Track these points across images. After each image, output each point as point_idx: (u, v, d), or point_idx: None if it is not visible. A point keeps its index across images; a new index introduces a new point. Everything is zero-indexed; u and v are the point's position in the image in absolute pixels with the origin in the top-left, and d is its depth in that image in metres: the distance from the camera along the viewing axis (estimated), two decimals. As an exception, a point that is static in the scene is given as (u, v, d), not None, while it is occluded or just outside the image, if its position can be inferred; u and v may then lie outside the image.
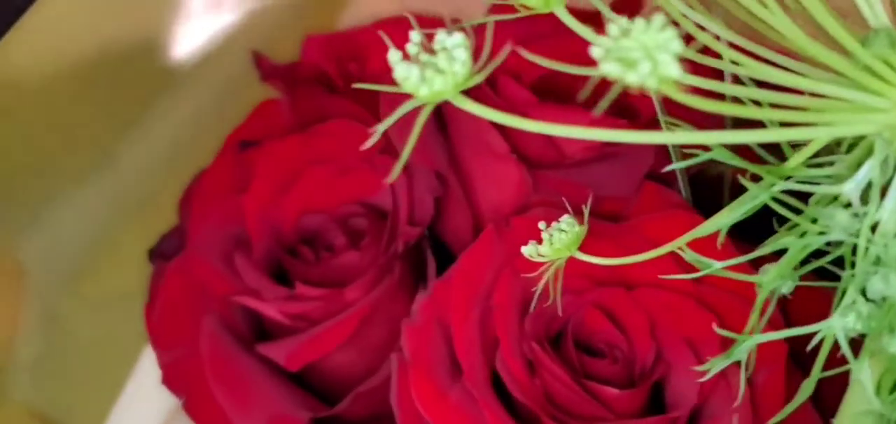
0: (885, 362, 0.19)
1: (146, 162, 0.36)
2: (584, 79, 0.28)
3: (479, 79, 0.17)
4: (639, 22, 0.14)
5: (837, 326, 0.18)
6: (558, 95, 0.29)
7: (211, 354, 0.27)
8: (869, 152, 0.17)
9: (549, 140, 0.27)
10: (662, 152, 0.27)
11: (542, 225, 0.22)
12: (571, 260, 0.22)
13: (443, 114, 0.29)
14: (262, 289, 0.27)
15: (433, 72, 0.17)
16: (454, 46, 0.16)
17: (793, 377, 0.24)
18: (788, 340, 0.23)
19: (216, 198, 0.30)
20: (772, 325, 0.22)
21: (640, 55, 0.14)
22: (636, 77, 0.14)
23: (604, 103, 0.15)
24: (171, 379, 0.27)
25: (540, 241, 0.23)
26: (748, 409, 0.23)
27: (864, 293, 0.17)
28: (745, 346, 0.19)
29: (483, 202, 0.27)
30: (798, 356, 0.24)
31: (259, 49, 0.37)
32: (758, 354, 0.22)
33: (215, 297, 0.29)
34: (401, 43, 0.35)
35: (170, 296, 0.29)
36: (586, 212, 0.22)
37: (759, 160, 0.21)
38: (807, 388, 0.19)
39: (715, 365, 0.19)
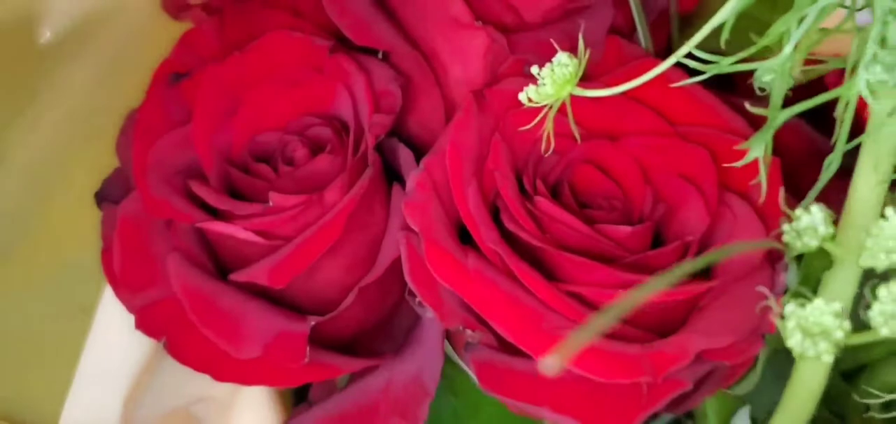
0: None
1: (41, 149, 0.33)
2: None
3: None
4: None
5: (862, 80, 0.19)
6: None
7: (186, 292, 0.25)
8: None
9: (507, 5, 0.27)
10: (623, 6, 0.28)
11: (534, 69, 0.22)
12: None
13: (385, 3, 0.28)
14: (233, 210, 0.26)
15: None
16: None
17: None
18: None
19: (156, 133, 0.28)
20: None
21: None
22: None
23: None
24: (147, 323, 0.26)
25: (517, 106, 0.23)
26: (757, 221, 0.24)
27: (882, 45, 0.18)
28: (778, 121, 0.20)
29: (451, 81, 0.27)
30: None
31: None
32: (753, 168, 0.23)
33: (176, 232, 0.27)
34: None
35: (126, 238, 0.27)
36: (581, 46, 0.22)
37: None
38: (834, 161, 0.20)
39: (754, 142, 0.20)
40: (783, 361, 0.26)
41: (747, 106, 0.20)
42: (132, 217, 0.27)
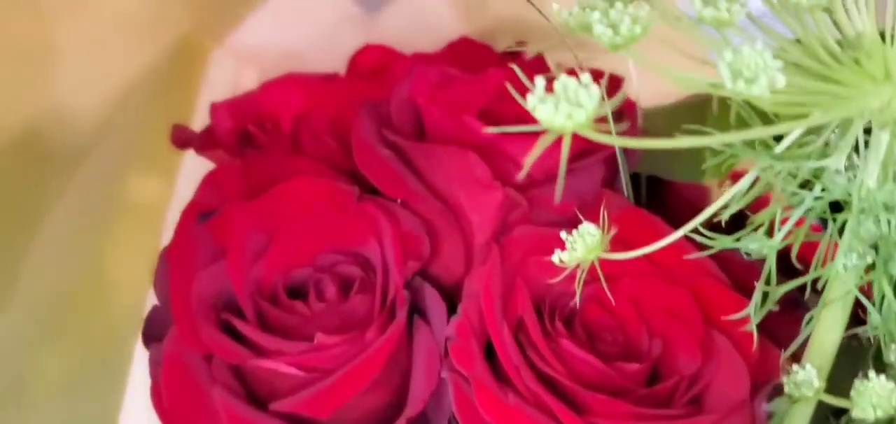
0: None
1: (44, 273, 0.35)
2: (522, 110, 0.33)
3: (608, 108, 0.21)
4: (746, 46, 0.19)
5: (840, 265, 0.24)
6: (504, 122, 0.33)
7: (236, 422, 0.29)
8: (846, 130, 0.24)
9: (517, 165, 0.32)
10: (612, 164, 0.33)
11: (564, 234, 0.27)
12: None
13: (407, 156, 0.32)
14: (281, 348, 0.29)
15: (572, 105, 0.21)
16: (588, 83, 0.21)
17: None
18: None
19: (190, 270, 0.31)
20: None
21: (757, 70, 0.19)
22: (756, 89, 0.19)
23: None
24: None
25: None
26: (737, 356, 0.29)
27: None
28: (776, 294, 0.25)
29: (469, 227, 0.31)
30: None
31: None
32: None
33: (215, 364, 0.30)
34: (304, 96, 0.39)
35: (172, 375, 0.30)
36: (604, 216, 0.27)
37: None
38: (815, 320, 0.25)
39: (753, 317, 0.25)
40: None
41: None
42: (175, 353, 0.30)
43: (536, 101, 0.21)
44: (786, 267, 0.31)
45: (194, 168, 0.39)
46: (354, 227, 0.31)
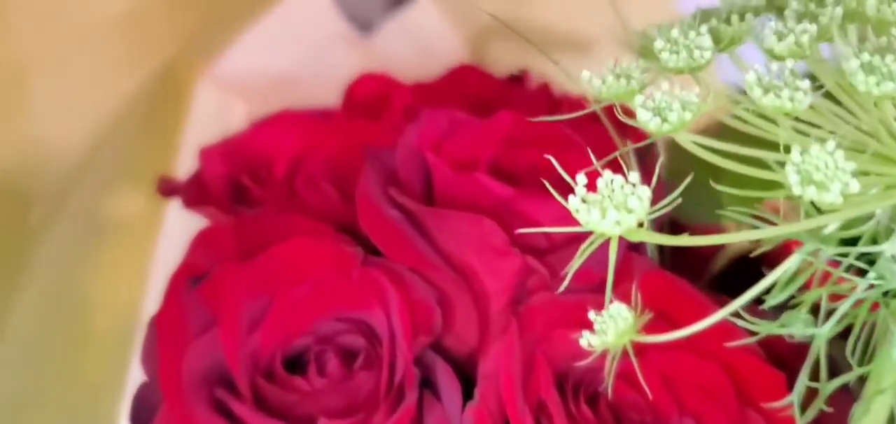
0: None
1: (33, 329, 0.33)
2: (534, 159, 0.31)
3: (655, 214, 0.19)
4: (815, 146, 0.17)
5: (895, 354, 0.23)
6: (512, 178, 0.31)
7: None
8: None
9: (536, 226, 0.30)
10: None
11: (592, 314, 0.25)
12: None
13: (416, 218, 0.30)
14: (280, 432, 0.27)
15: (621, 211, 0.19)
16: (636, 182, 0.19)
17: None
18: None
19: (181, 342, 0.29)
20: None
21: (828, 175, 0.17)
22: (829, 196, 0.17)
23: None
24: None
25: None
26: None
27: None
28: (827, 391, 0.23)
29: (483, 293, 0.29)
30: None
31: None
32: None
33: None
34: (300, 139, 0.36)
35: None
36: (635, 294, 0.25)
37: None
38: (861, 413, 0.24)
39: (804, 418, 0.23)
40: None
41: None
42: (168, 436, 0.28)
43: (578, 203, 0.19)
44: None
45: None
46: (358, 294, 0.29)
